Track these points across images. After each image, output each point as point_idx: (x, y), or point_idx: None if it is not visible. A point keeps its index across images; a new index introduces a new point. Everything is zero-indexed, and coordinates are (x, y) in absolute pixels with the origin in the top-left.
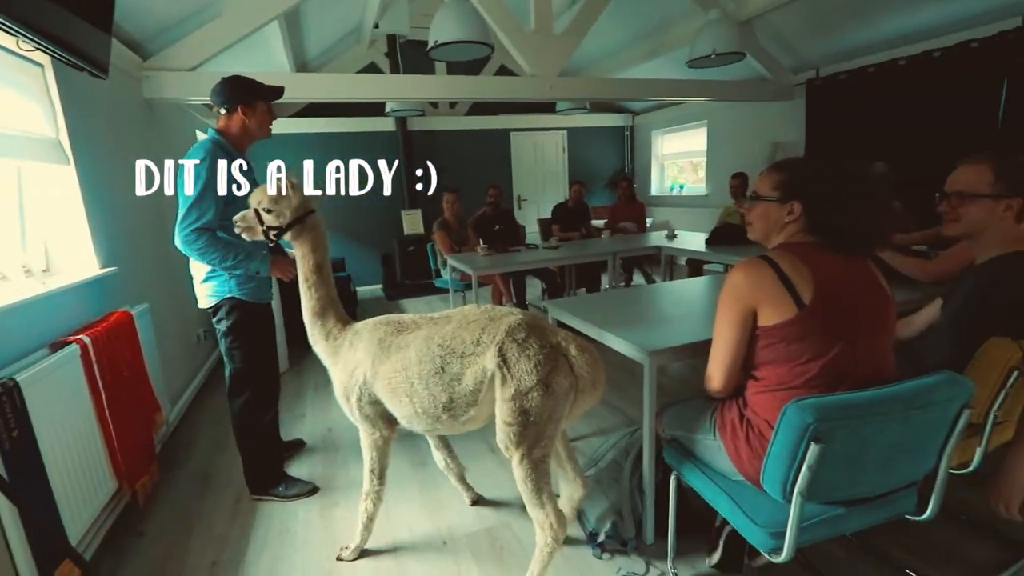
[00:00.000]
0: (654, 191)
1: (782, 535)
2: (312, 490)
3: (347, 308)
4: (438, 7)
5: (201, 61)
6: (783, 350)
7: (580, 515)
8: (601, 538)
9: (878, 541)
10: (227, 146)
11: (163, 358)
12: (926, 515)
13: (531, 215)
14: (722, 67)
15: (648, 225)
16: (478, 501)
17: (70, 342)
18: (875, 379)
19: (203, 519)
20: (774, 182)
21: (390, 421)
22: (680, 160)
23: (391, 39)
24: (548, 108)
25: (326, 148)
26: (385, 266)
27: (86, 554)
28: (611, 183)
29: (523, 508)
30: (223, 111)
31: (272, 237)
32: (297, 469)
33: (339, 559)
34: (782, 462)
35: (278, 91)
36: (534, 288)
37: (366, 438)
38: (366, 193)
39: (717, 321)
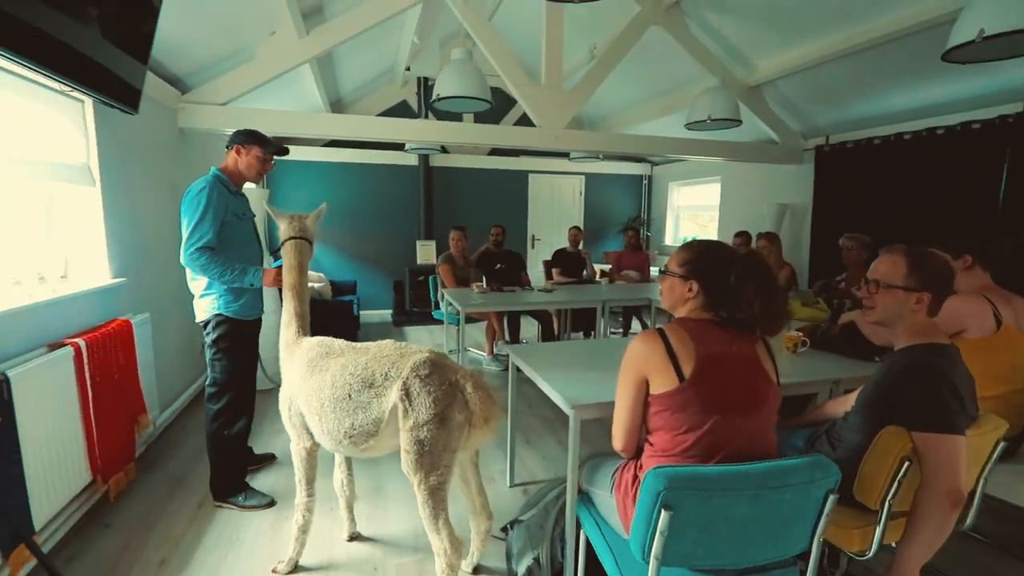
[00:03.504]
0: (668, 240)
1: None
2: (270, 503)
3: (348, 331)
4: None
5: (233, 97)
6: (667, 418)
7: (508, 556)
8: None
9: None
10: (226, 180)
11: (159, 365)
12: None
13: (544, 256)
14: (735, 128)
15: (654, 274)
16: (355, 537)
17: (66, 344)
18: (749, 455)
19: (166, 519)
20: (680, 260)
21: (312, 434)
22: (693, 212)
23: (421, 81)
24: (565, 154)
25: (352, 178)
26: (396, 292)
27: (52, 539)
28: (624, 229)
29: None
30: (227, 148)
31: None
32: (261, 481)
33: (274, 571)
34: (641, 525)
35: (281, 149)
36: (532, 327)
37: (293, 447)
38: (384, 221)
39: (618, 385)
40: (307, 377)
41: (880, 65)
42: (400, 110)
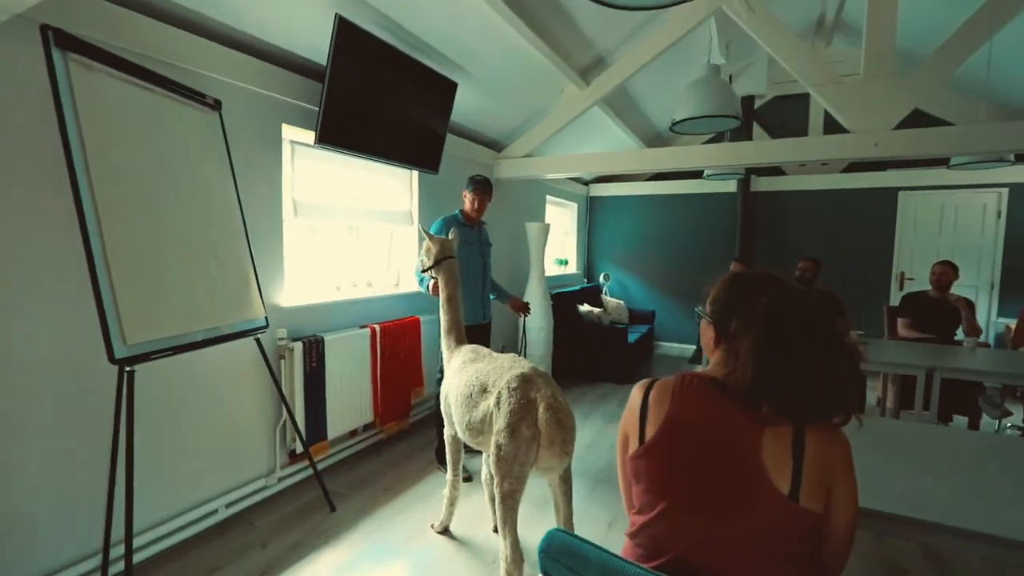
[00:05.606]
0: None
1: None
2: (467, 478)
3: (616, 355)
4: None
5: (531, 150)
6: (632, 490)
7: None
8: None
9: None
10: (459, 217)
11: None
12: None
13: None
14: None
15: None
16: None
17: (368, 327)
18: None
19: (406, 463)
20: (712, 295)
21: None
22: None
23: (746, 101)
24: (944, 161)
25: (662, 208)
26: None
27: (348, 451)
28: None
29: None
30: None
31: (424, 273)
32: (474, 461)
33: (432, 526)
34: None
35: (476, 182)
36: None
37: (445, 432)
38: (695, 252)
39: None
40: (457, 374)
41: None
42: (734, 134)
